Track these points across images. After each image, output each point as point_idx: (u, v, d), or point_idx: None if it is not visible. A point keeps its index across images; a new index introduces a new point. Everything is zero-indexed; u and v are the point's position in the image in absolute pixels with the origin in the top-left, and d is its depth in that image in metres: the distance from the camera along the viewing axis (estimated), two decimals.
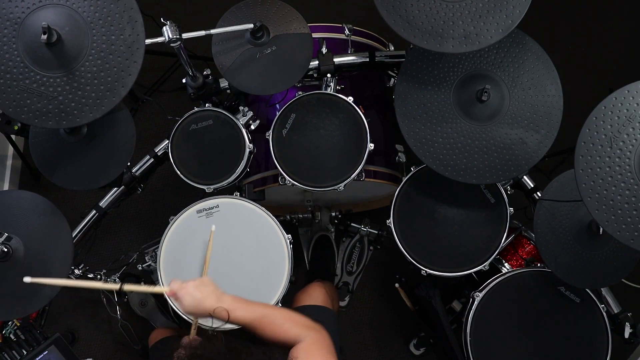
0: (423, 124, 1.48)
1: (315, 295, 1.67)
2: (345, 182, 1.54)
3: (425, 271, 1.57)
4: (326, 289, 1.74)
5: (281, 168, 1.54)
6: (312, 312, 1.60)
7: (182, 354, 1.07)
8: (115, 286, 1.21)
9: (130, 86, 1.25)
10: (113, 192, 1.77)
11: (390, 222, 1.59)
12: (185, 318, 1.49)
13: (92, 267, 1.82)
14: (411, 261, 1.58)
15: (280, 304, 1.51)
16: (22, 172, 2.28)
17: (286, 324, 1.21)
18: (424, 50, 1.48)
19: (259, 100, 1.79)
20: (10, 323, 1.59)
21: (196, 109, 1.60)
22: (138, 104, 2.29)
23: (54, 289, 1.41)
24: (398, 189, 1.61)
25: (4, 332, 1.58)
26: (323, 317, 1.60)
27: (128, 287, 1.23)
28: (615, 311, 1.65)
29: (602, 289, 1.64)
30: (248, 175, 1.73)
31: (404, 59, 1.54)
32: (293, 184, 1.54)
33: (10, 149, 2.23)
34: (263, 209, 1.54)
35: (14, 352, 1.50)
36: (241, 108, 1.63)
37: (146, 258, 1.83)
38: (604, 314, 1.54)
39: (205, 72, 1.59)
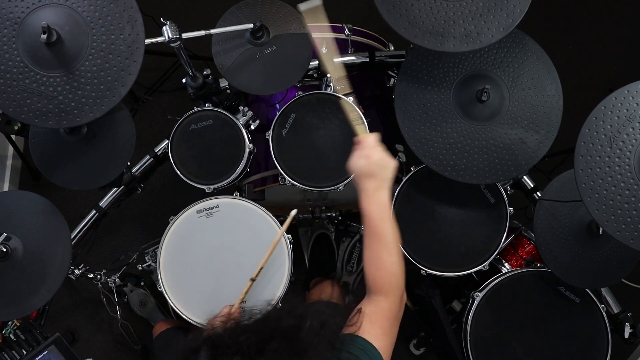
0: (423, 124, 1.48)
1: (329, 291, 1.66)
2: (345, 182, 1.54)
3: (425, 271, 1.57)
4: (331, 285, 1.74)
5: (281, 168, 1.54)
6: (327, 307, 1.60)
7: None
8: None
9: (130, 86, 1.25)
10: (113, 192, 1.77)
11: None
12: (186, 318, 1.49)
13: (92, 267, 1.82)
14: (411, 261, 1.57)
15: (280, 304, 1.51)
16: (22, 172, 2.28)
17: (391, 267, 1.11)
18: (424, 50, 1.48)
19: (259, 100, 1.79)
20: (10, 323, 1.59)
21: (196, 109, 1.60)
22: (138, 104, 2.29)
23: (52, 289, 1.41)
24: (398, 189, 1.61)
25: (4, 332, 1.58)
26: (336, 314, 1.59)
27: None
28: (615, 311, 1.65)
29: (602, 289, 1.64)
30: (248, 175, 1.72)
31: (404, 59, 1.54)
32: (293, 184, 1.54)
33: (10, 149, 2.24)
34: (263, 209, 1.54)
35: (14, 352, 1.50)
36: (241, 108, 1.63)
37: (146, 258, 1.83)
38: (604, 314, 1.54)
39: (205, 72, 1.59)
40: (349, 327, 1.06)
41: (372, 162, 1.15)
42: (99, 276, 1.83)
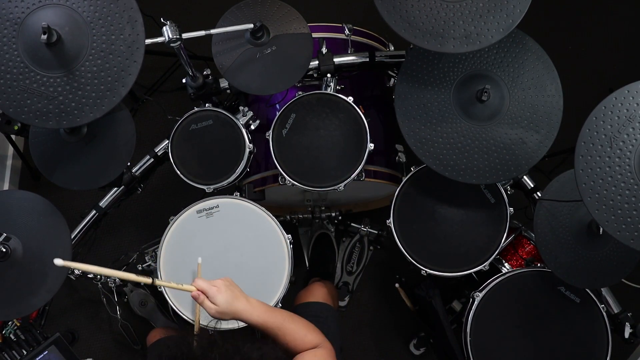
0: (423, 124, 1.48)
1: (317, 293, 1.68)
2: (345, 182, 1.54)
3: (425, 271, 1.57)
4: (327, 287, 1.74)
5: (281, 168, 1.54)
6: (314, 309, 1.61)
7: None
8: (147, 279, 1.19)
9: (131, 86, 1.25)
10: (113, 192, 1.77)
11: (390, 222, 1.59)
12: (186, 318, 1.49)
13: None
14: (411, 261, 1.58)
15: (280, 304, 1.51)
16: (22, 172, 2.28)
17: (307, 332, 1.23)
18: (424, 50, 1.48)
19: (259, 100, 1.79)
20: (10, 323, 1.59)
21: (196, 109, 1.60)
22: (138, 104, 2.29)
23: (52, 289, 1.41)
24: (398, 189, 1.61)
25: (4, 332, 1.58)
26: (325, 314, 1.60)
27: (159, 282, 1.22)
28: (615, 311, 1.65)
29: (602, 289, 1.64)
30: (248, 175, 1.73)
31: (404, 59, 1.54)
32: (293, 184, 1.54)
33: (10, 149, 2.24)
34: (263, 209, 1.54)
35: (14, 352, 1.50)
36: (241, 108, 1.63)
37: (146, 258, 1.82)
38: (604, 314, 1.54)
39: (205, 72, 1.59)
40: None
41: (227, 294, 1.21)
42: (98, 276, 1.83)
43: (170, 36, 1.33)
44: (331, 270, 2.10)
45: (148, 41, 1.26)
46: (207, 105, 1.61)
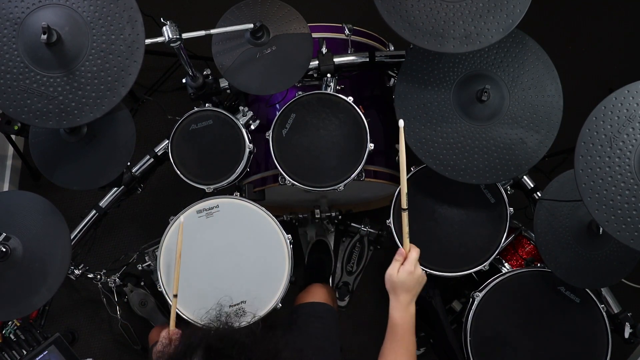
0: (423, 124, 1.48)
1: (317, 293, 1.68)
2: (345, 182, 1.54)
3: (425, 271, 1.57)
4: (327, 289, 1.75)
5: (281, 168, 1.54)
6: (316, 308, 1.61)
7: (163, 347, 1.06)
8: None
9: (131, 86, 1.25)
10: (113, 192, 1.77)
11: (390, 222, 1.59)
12: (186, 318, 1.50)
13: (92, 267, 1.82)
14: None
15: (280, 304, 1.51)
16: (22, 172, 2.28)
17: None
18: (424, 50, 1.48)
19: (259, 100, 1.79)
20: (10, 323, 1.59)
21: (196, 109, 1.60)
22: (138, 104, 2.29)
23: (51, 289, 1.41)
24: (398, 189, 1.61)
25: (4, 332, 1.58)
26: (325, 314, 1.61)
27: None
28: (615, 311, 1.65)
29: (602, 289, 1.64)
30: (248, 175, 1.73)
31: (404, 59, 1.54)
32: (293, 184, 1.54)
33: (10, 149, 2.24)
34: (263, 209, 1.54)
35: (14, 352, 1.50)
36: (241, 108, 1.63)
37: (146, 258, 1.83)
38: (604, 314, 1.54)
39: (205, 72, 1.59)
40: None
41: (414, 279, 1.26)
42: (99, 276, 1.84)
43: (170, 36, 1.33)
44: (327, 276, 2.10)
45: (148, 41, 1.26)
46: (207, 105, 1.61)
